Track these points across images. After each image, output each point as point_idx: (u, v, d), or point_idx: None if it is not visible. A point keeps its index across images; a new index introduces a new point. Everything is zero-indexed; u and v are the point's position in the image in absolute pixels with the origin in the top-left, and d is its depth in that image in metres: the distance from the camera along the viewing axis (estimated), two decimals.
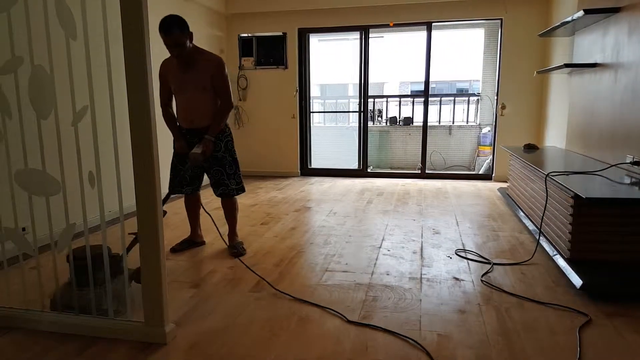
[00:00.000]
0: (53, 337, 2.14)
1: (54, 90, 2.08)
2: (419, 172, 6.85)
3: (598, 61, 3.90)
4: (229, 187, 3.27)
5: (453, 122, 8.63)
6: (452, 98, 8.98)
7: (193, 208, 3.47)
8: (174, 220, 4.24)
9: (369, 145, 7.09)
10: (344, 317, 2.30)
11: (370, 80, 6.81)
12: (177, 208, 4.47)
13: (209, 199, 4.19)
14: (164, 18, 2.88)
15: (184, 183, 3.29)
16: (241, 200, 5.23)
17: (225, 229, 3.48)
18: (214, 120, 3.14)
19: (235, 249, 3.32)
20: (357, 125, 7.02)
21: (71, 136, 2.08)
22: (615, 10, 3.52)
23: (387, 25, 6.50)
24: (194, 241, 3.50)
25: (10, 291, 2.41)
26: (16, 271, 2.74)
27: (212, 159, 3.21)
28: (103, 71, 2.02)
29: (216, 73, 3.10)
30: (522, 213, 4.16)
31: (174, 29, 2.87)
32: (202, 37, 6.18)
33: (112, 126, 2.03)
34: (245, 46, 6.90)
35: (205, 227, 3.63)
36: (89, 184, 2.07)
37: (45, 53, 2.05)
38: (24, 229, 2.97)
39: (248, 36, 6.87)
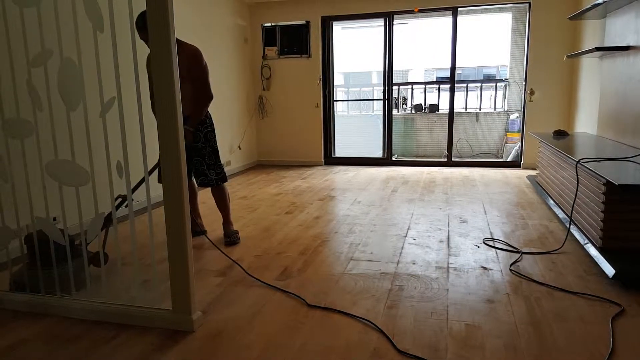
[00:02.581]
0: (85, 324, 2.20)
1: (82, 82, 2.11)
2: (445, 159, 6.76)
3: (631, 44, 3.75)
4: (209, 177, 3.31)
5: (480, 109, 8.48)
6: (479, 84, 8.81)
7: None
8: None
9: (393, 133, 7.02)
10: (305, 300, 2.30)
11: (394, 68, 6.73)
12: None
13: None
14: (139, 15, 2.83)
15: None
16: (266, 189, 5.26)
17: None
18: (193, 111, 3.16)
19: (228, 237, 3.35)
20: (382, 113, 6.96)
21: (99, 127, 2.12)
22: None
23: (412, 11, 6.39)
24: (193, 230, 3.51)
25: (44, 279, 2.48)
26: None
27: (192, 149, 3.24)
28: (129, 63, 2.05)
29: (193, 63, 3.11)
30: (551, 201, 4.07)
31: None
32: (226, 26, 6.20)
33: (139, 117, 2.06)
34: (269, 35, 6.90)
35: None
36: (117, 174, 2.11)
37: (74, 46, 2.09)
38: (55, 219, 3.05)
39: (271, 25, 6.86)
